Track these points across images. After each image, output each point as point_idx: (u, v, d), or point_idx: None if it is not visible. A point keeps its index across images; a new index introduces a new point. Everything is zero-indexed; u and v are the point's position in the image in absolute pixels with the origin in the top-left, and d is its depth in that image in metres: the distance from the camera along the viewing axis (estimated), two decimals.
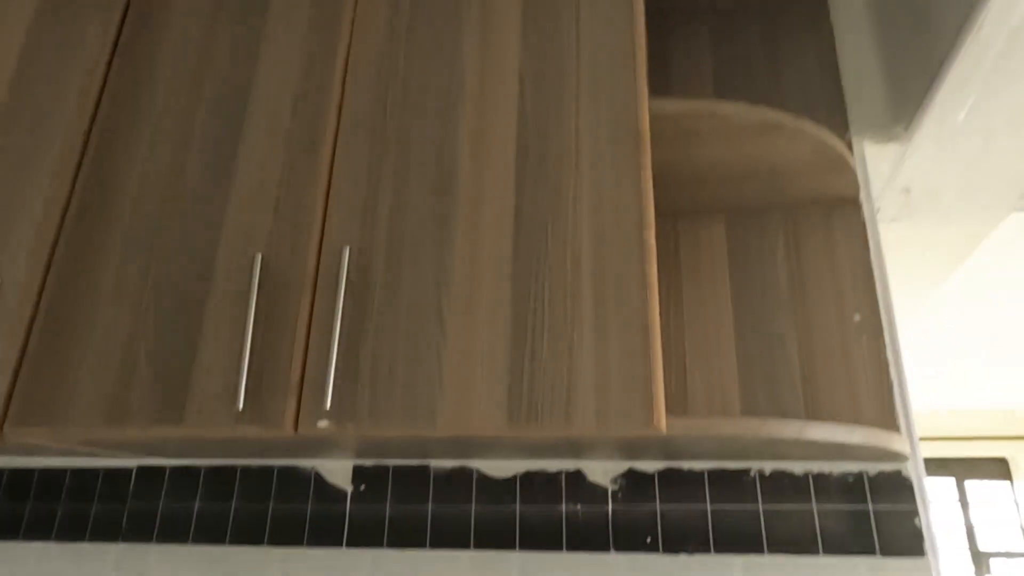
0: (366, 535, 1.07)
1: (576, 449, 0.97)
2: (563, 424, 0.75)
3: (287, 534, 1.10)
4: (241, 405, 0.81)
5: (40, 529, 1.19)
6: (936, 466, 4.28)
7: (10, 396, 0.92)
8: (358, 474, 1.11)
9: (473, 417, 0.78)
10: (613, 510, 1.01)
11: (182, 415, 0.85)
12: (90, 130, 1.05)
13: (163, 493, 1.17)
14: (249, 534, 1.11)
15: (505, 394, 0.78)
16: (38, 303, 0.96)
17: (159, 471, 1.18)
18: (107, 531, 1.16)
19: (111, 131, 1.04)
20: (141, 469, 1.19)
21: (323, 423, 0.81)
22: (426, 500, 1.07)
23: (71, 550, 1.16)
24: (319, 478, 1.12)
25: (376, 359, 0.82)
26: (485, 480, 1.07)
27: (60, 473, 1.21)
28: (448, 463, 1.09)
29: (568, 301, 0.80)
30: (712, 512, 0.98)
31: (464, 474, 1.08)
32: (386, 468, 1.11)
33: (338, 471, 1.12)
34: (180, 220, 0.95)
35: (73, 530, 1.17)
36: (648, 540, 0.99)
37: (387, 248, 0.87)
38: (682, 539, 0.98)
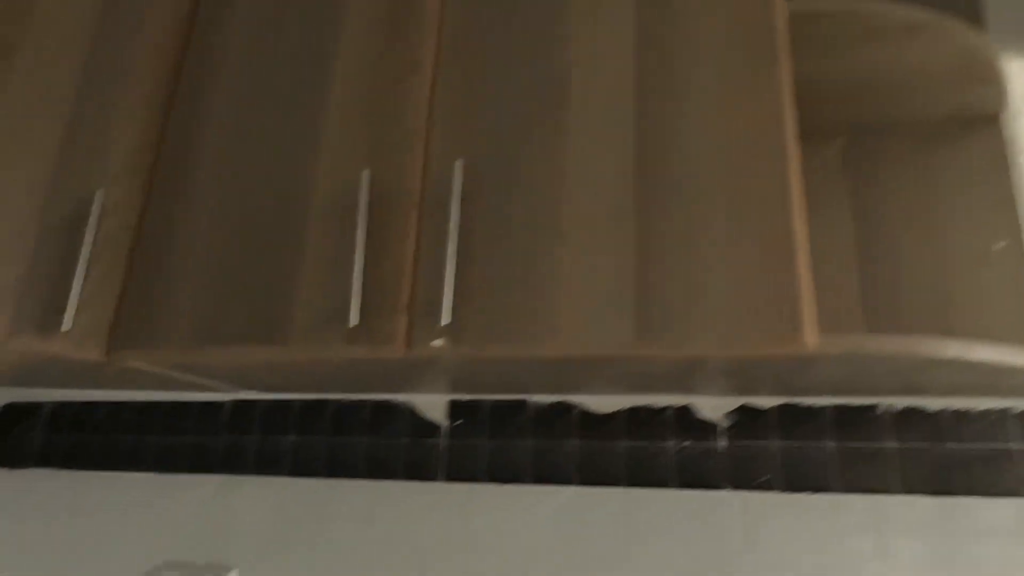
0: (463, 469, 1.05)
1: (686, 382, 0.92)
2: (697, 341, 0.70)
3: (382, 468, 1.08)
4: (353, 323, 0.78)
5: (138, 460, 1.20)
6: None
7: (115, 321, 0.92)
8: (454, 409, 1.08)
9: (596, 335, 0.73)
10: (724, 447, 0.96)
11: (287, 336, 0.83)
12: (182, 51, 1.02)
13: (257, 427, 1.16)
14: (343, 468, 1.10)
15: (631, 310, 0.73)
16: (139, 229, 0.95)
17: (252, 405, 1.18)
18: (203, 463, 1.17)
19: (202, 52, 1.01)
20: (235, 403, 1.19)
21: (437, 342, 0.77)
22: (525, 435, 1.04)
23: (168, 481, 1.17)
24: (414, 413, 1.10)
25: (491, 276, 0.78)
26: (587, 416, 1.02)
27: (156, 406, 1.22)
28: (547, 398, 1.05)
29: (698, 209, 0.74)
30: (836, 450, 0.92)
31: (564, 409, 1.04)
32: (482, 403, 1.08)
33: (433, 406, 1.10)
34: (276, 140, 0.92)
35: (170, 462, 1.18)
36: (765, 479, 0.93)
37: (499, 162, 0.82)
38: (802, 478, 0.92)
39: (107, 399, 1.26)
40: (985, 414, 0.90)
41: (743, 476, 0.94)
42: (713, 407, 0.98)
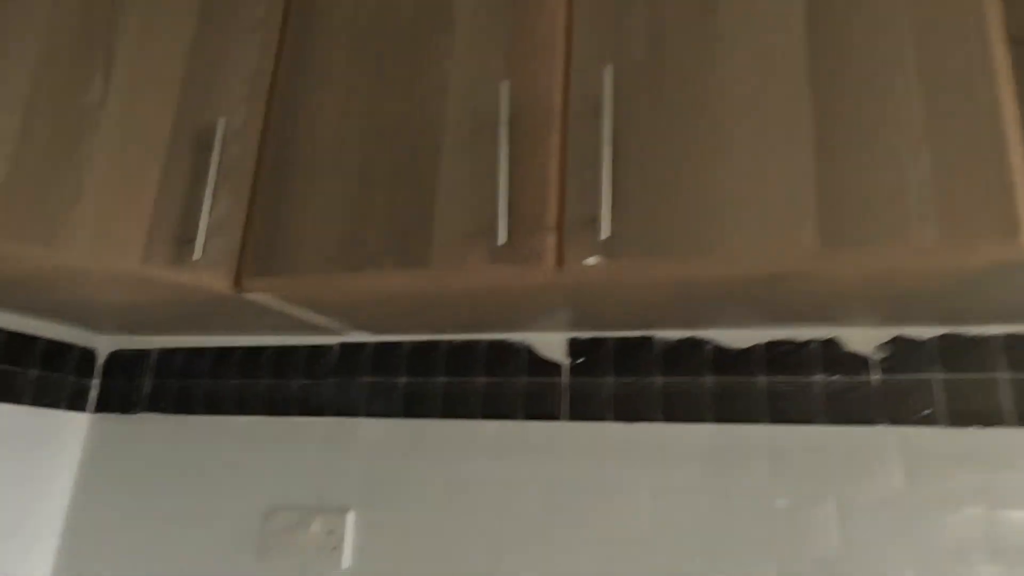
0: (588, 408, 1.01)
1: (832, 310, 0.86)
2: (895, 248, 0.64)
3: (500, 408, 1.05)
4: (502, 241, 0.73)
5: (247, 405, 1.19)
6: None
7: (242, 250, 0.89)
8: (574, 347, 1.04)
9: (773, 246, 0.67)
10: (878, 381, 0.90)
11: (427, 258, 0.79)
12: None
13: (367, 369, 1.14)
14: (459, 408, 1.07)
15: (812, 216, 0.67)
16: (260, 154, 0.92)
17: (361, 348, 1.15)
18: (313, 406, 1.15)
19: None
20: (343, 346, 1.17)
21: (591, 260, 0.72)
22: (653, 373, 0.99)
23: (279, 424, 1.16)
24: (531, 352, 1.06)
25: (650, 187, 0.73)
26: (721, 351, 0.97)
27: (261, 351, 1.21)
28: (675, 333, 1.00)
29: (887, 95, 0.67)
30: (1009, 382, 0.85)
31: (695, 345, 0.98)
32: (604, 340, 1.03)
33: (552, 344, 1.06)
34: (404, 55, 0.88)
35: (279, 405, 1.17)
36: (926, 413, 0.87)
37: (649, 65, 0.77)
38: (970, 413, 0.86)
39: (213, 345, 1.25)
40: None
41: (901, 411, 0.88)
42: (864, 339, 0.92)
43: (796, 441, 0.91)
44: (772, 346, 0.95)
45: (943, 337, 0.89)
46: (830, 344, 0.93)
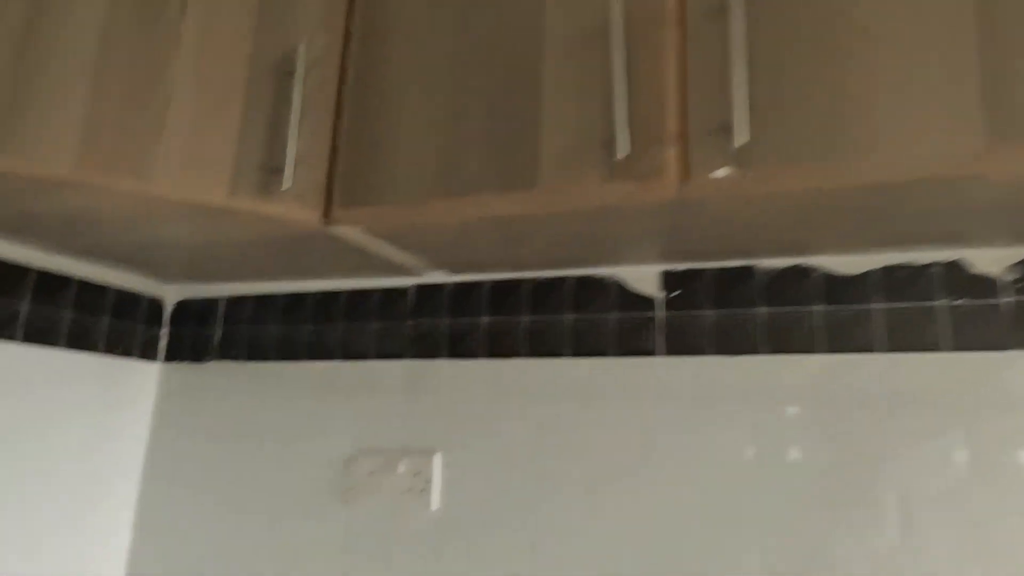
0: (685, 343, 0.96)
1: (958, 230, 0.80)
2: None
3: (591, 345, 1.01)
4: (623, 153, 0.68)
5: (322, 350, 1.17)
6: None
7: (330, 180, 0.85)
8: (668, 279, 0.99)
9: (930, 148, 0.61)
10: (1008, 303, 0.84)
11: (535, 179, 0.74)
12: None
13: (446, 310, 1.10)
14: (547, 346, 1.03)
15: (976, 112, 0.60)
16: (343, 78, 0.87)
17: (438, 289, 1.12)
18: (391, 349, 1.12)
19: None
20: (420, 288, 1.13)
21: (721, 172, 0.67)
22: (757, 303, 0.94)
23: (356, 368, 1.14)
24: (622, 287, 1.01)
25: (783, 88, 0.66)
26: (830, 279, 0.91)
27: (334, 296, 1.18)
28: (779, 262, 0.94)
29: None
30: None
31: (801, 273, 0.93)
32: (700, 271, 0.98)
33: (643, 278, 1.01)
34: None
35: (355, 349, 1.14)
36: None
37: None
38: None
39: (283, 291, 1.22)
40: None
41: None
42: (994, 259, 0.85)
43: (917, 369, 0.85)
44: (889, 271, 0.89)
45: None
46: (954, 267, 0.87)
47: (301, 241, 0.94)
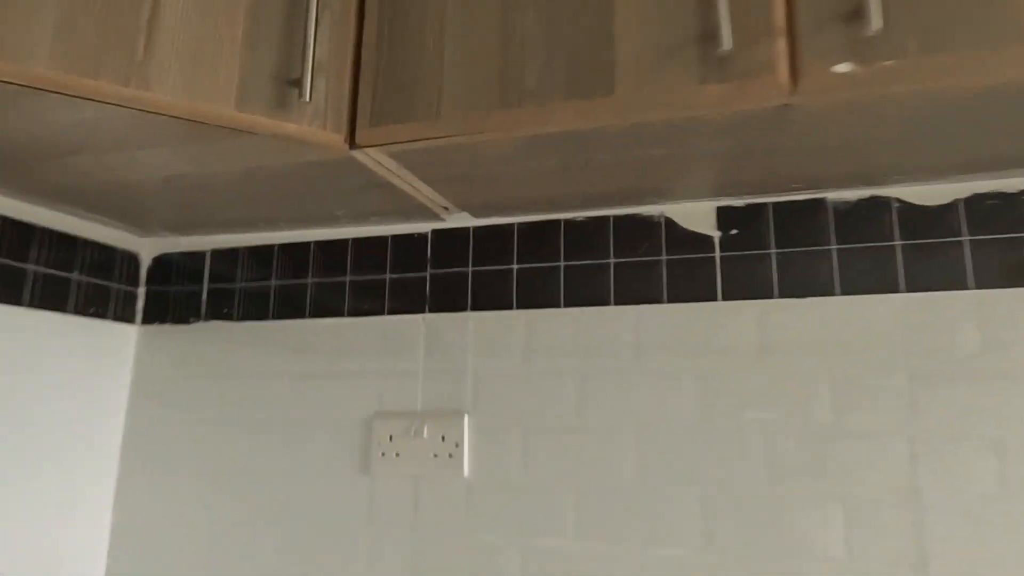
0: (747, 286, 0.87)
1: None
2: None
3: (640, 291, 0.91)
4: (725, 48, 0.57)
5: (330, 304, 1.04)
6: None
7: (354, 94, 0.72)
8: (724, 216, 0.89)
9: None
10: None
11: (610, 83, 0.63)
12: None
13: (469, 257, 0.99)
14: (586, 294, 0.93)
15: None
16: None
17: (458, 234, 1.00)
18: (409, 301, 1.00)
19: None
20: (437, 233, 1.01)
21: (842, 67, 0.57)
22: (826, 241, 0.85)
23: (370, 323, 1.02)
24: (671, 224, 0.91)
25: None
26: (909, 210, 0.83)
27: (334, 245, 1.05)
28: (850, 194, 0.85)
29: None
30: None
31: (875, 205, 0.84)
32: (762, 206, 0.88)
33: (696, 215, 0.91)
34: None
35: (369, 302, 1.02)
36: None
37: None
38: None
39: (278, 241, 1.09)
40: None
41: None
42: None
43: (1014, 304, 0.78)
44: (973, 201, 0.81)
45: None
46: None
47: (314, 172, 0.81)
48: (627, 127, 0.65)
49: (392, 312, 1.01)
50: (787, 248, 0.86)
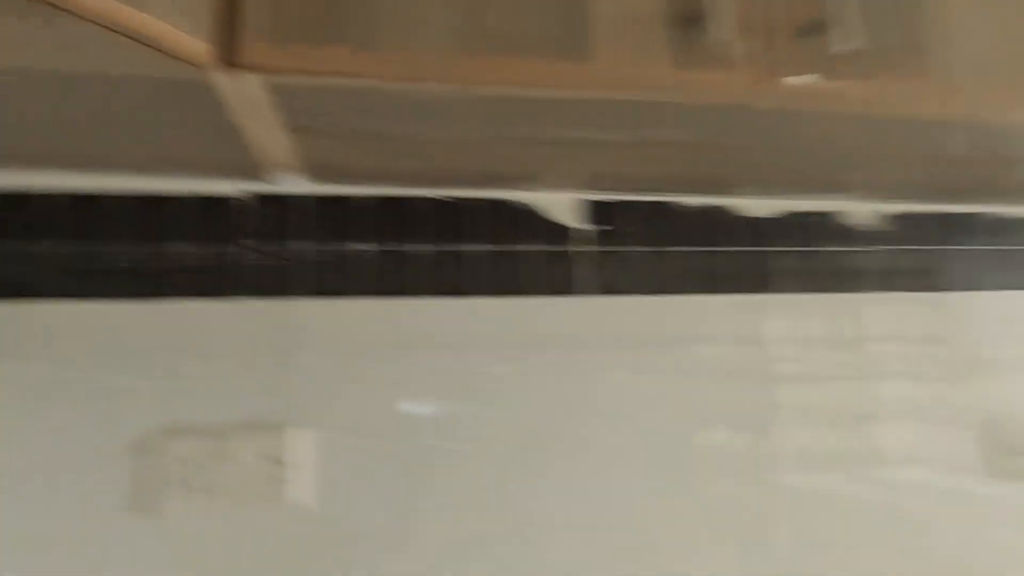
0: (617, 282, 0.87)
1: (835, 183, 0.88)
2: None
3: (504, 283, 0.84)
4: (707, 37, 0.54)
5: (107, 282, 0.75)
6: None
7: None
8: (597, 211, 0.88)
9: None
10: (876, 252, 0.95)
11: (584, 47, 0.55)
12: None
13: (310, 229, 0.80)
14: (446, 283, 0.82)
15: None
16: None
17: (293, 202, 0.80)
18: (221, 283, 0.77)
19: None
20: (261, 199, 0.80)
21: (811, 77, 0.58)
22: (683, 241, 0.89)
23: (164, 309, 0.76)
24: (541, 216, 0.86)
25: None
26: (742, 221, 0.92)
27: (134, 200, 0.76)
28: (696, 200, 0.91)
29: None
30: None
31: (719, 211, 0.91)
32: (630, 203, 0.89)
33: (564, 206, 0.87)
34: None
35: (165, 280, 0.76)
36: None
37: None
38: None
39: (36, 190, 0.74)
40: None
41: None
42: (865, 213, 0.95)
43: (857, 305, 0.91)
44: (792, 218, 0.93)
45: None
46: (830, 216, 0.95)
47: (136, 93, 0.56)
48: (599, 100, 0.58)
49: (200, 295, 0.76)
50: (651, 247, 0.88)
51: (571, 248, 0.86)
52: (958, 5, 0.63)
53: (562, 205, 0.87)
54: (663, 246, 0.89)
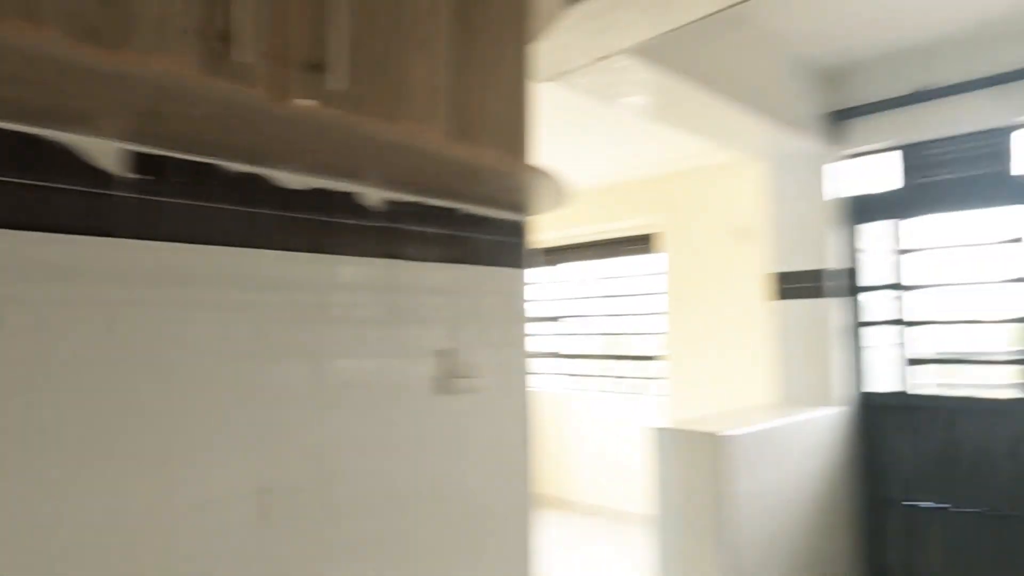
0: (154, 228, 0.98)
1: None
2: None
3: (41, 218, 0.88)
4: (240, 56, 0.72)
5: None
6: None
7: None
8: (140, 162, 0.97)
9: None
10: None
11: (126, 40, 0.67)
12: None
13: None
14: None
15: None
16: None
17: None
18: None
19: None
20: None
21: (308, 102, 0.81)
22: (222, 199, 1.05)
23: None
24: (79, 157, 0.92)
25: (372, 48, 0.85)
26: (274, 188, 1.12)
27: None
28: (241, 167, 1.07)
29: None
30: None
31: (256, 179, 1.09)
32: (172, 161, 1.00)
33: (107, 152, 0.94)
34: None
35: None
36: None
37: None
38: None
39: None
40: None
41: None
42: (374, 196, 1.25)
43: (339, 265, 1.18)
44: (323, 192, 1.17)
45: None
46: (349, 196, 1.22)
47: None
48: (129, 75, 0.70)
49: None
50: (193, 199, 1.02)
51: (114, 192, 0.94)
52: (417, 69, 0.93)
53: (106, 151, 0.94)
54: (205, 202, 1.03)
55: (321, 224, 1.17)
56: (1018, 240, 2.74)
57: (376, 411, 1.23)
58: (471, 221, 1.43)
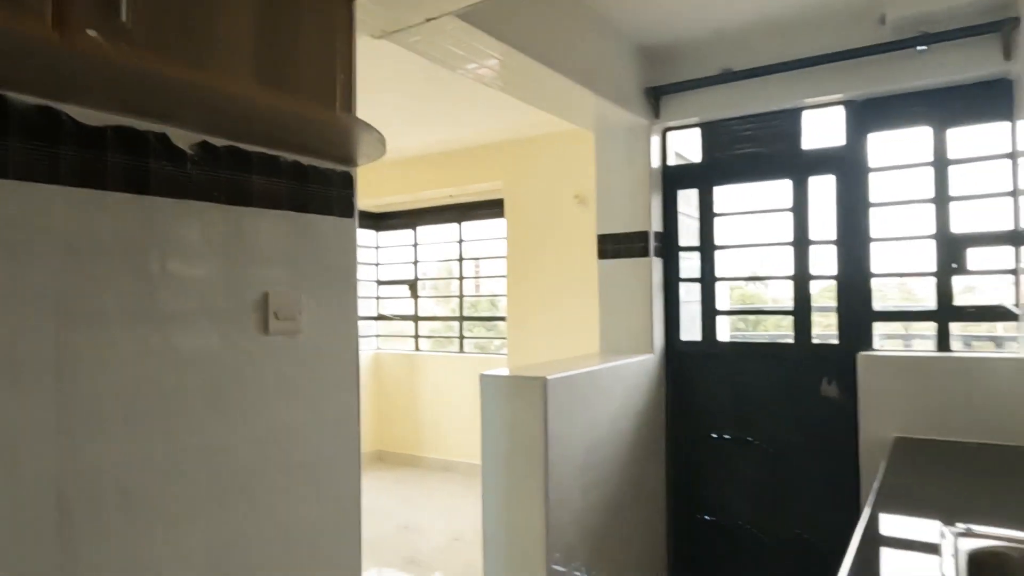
0: None
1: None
2: None
3: None
4: None
5: None
6: None
7: None
8: None
9: None
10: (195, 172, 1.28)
11: None
12: None
13: None
14: None
15: None
16: None
17: None
18: None
19: None
20: None
21: (92, 32, 0.83)
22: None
23: None
24: None
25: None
26: (78, 124, 1.12)
27: None
28: (32, 99, 1.06)
29: None
30: None
31: (52, 114, 1.09)
32: None
33: None
34: None
35: None
36: None
37: None
38: None
39: None
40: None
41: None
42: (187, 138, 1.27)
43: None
44: (128, 131, 1.18)
45: None
46: (163, 137, 1.24)
47: None
48: None
49: None
50: None
51: None
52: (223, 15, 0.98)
53: None
54: None
55: (128, 164, 1.18)
56: (793, 209, 3.17)
57: (201, 353, 1.26)
58: (296, 169, 1.48)
